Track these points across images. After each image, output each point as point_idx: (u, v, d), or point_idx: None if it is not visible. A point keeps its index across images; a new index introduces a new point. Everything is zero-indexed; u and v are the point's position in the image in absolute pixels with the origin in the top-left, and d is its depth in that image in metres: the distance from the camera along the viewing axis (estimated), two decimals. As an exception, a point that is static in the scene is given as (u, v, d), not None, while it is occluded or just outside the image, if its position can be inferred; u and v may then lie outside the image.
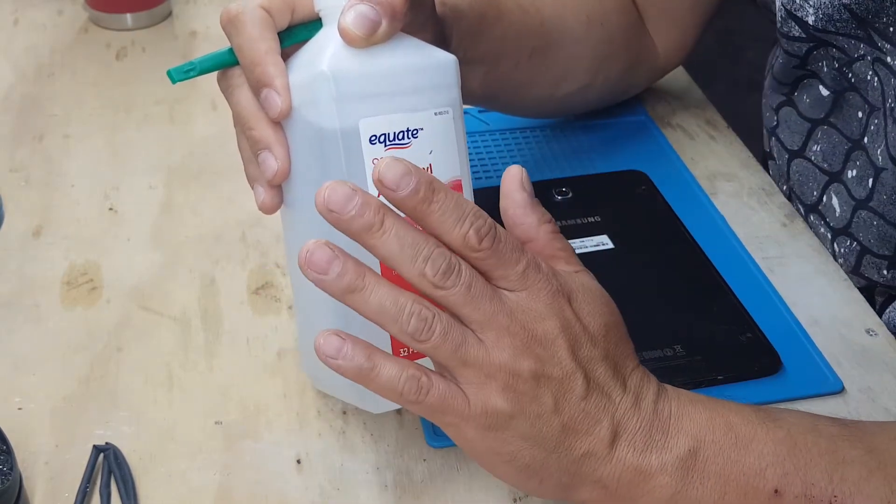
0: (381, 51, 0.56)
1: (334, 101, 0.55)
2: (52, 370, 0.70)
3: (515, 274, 0.52)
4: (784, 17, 0.78)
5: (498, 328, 0.51)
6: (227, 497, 0.62)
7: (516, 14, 0.77)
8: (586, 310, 0.54)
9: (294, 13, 0.59)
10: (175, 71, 0.59)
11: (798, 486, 0.53)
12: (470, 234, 0.51)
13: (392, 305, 0.51)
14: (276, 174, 0.58)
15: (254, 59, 0.57)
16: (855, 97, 0.77)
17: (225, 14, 0.59)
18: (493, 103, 0.84)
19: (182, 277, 0.77)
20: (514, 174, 0.56)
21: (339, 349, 0.51)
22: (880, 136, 0.74)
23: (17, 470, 0.59)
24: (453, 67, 0.58)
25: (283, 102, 0.56)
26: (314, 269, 0.51)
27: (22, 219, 0.83)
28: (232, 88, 0.59)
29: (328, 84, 0.55)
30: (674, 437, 0.53)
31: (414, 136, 0.56)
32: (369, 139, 0.55)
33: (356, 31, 0.55)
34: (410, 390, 0.51)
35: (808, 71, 0.81)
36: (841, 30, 0.74)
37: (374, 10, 0.55)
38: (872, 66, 0.74)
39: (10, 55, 1.06)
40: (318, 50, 0.57)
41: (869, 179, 0.76)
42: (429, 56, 0.58)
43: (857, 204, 0.78)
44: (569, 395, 0.52)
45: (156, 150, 0.92)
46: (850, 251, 0.79)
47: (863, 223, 0.77)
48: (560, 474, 0.53)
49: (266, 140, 0.58)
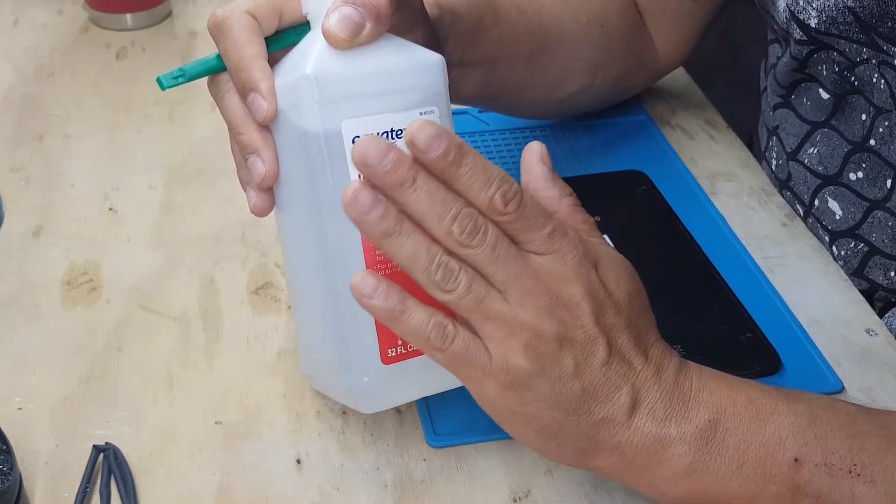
0: (366, 52, 0.56)
1: (316, 103, 0.55)
2: (52, 370, 0.70)
3: (541, 238, 0.53)
4: (787, 19, 0.78)
5: (522, 288, 0.52)
6: (227, 497, 0.62)
7: (514, 17, 0.77)
8: (612, 278, 0.54)
9: (282, 17, 0.59)
10: (164, 77, 0.59)
11: (818, 455, 0.53)
12: (496, 198, 0.52)
13: (424, 254, 0.52)
14: (264, 178, 0.58)
15: (240, 63, 0.57)
16: (858, 100, 0.77)
17: (211, 19, 0.59)
18: (492, 105, 0.84)
19: (182, 277, 0.77)
20: (534, 149, 0.57)
21: (374, 288, 0.52)
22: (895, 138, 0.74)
23: (17, 470, 0.59)
24: (439, 67, 0.58)
25: (268, 106, 0.57)
26: (358, 209, 0.51)
27: (22, 219, 0.83)
28: (221, 94, 0.60)
29: (310, 87, 0.55)
30: (694, 408, 0.54)
31: (398, 137, 0.56)
32: (352, 140, 0.55)
33: (340, 33, 0.55)
34: (437, 337, 0.52)
35: (807, 74, 0.81)
36: (843, 33, 0.74)
37: (358, 12, 0.55)
38: (878, 68, 0.74)
39: (10, 55, 1.06)
40: (304, 53, 0.57)
41: (886, 180, 0.76)
42: (414, 56, 0.58)
43: (872, 205, 0.78)
44: (590, 359, 0.53)
45: (156, 150, 0.92)
46: (854, 253, 0.79)
47: (877, 223, 0.77)
48: (578, 438, 0.54)
49: (254, 144, 0.58)
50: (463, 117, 0.93)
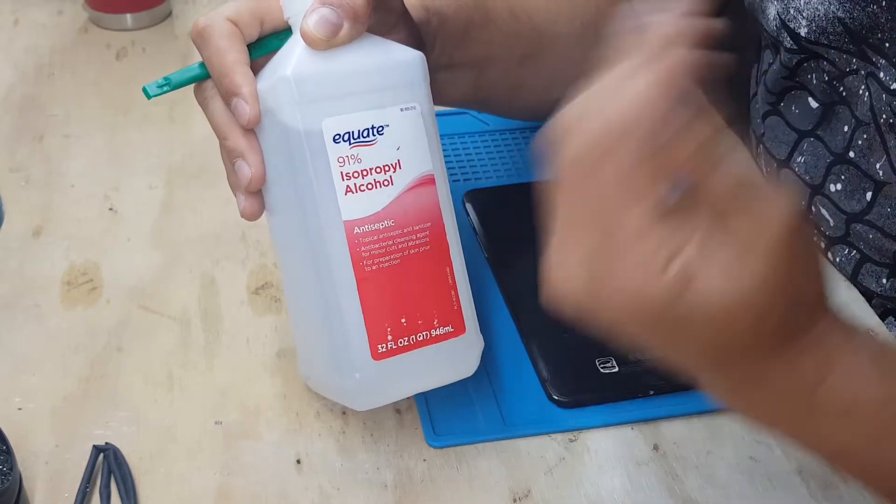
0: (346, 52, 0.57)
1: (296, 103, 0.56)
2: (52, 370, 0.70)
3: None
4: (778, 27, 0.78)
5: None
6: (227, 497, 0.62)
7: (506, 19, 0.77)
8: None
9: (263, 24, 0.60)
10: (150, 87, 0.60)
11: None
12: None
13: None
14: (250, 181, 0.59)
15: (222, 70, 0.58)
16: (844, 111, 0.77)
17: (194, 28, 0.60)
18: (483, 108, 0.84)
19: (182, 277, 0.77)
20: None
21: None
22: (876, 151, 0.74)
23: (17, 470, 0.59)
24: (419, 64, 0.59)
25: (251, 110, 0.57)
26: None
27: (22, 219, 0.83)
28: (206, 101, 0.61)
29: (289, 87, 0.56)
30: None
31: (379, 133, 0.57)
32: (333, 138, 0.56)
33: (317, 33, 0.56)
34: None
35: (797, 83, 0.81)
36: (833, 43, 0.74)
37: (336, 12, 0.56)
38: (865, 80, 0.73)
39: (10, 55, 1.06)
40: (286, 56, 0.58)
41: (866, 193, 0.76)
42: (393, 54, 0.59)
43: (850, 217, 0.77)
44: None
45: (156, 150, 0.92)
46: (849, 259, 0.79)
47: (860, 235, 0.77)
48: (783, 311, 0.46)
49: (239, 148, 0.59)
50: (463, 117, 0.93)
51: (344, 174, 0.57)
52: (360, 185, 0.57)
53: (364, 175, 0.57)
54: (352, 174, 0.57)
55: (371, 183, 0.57)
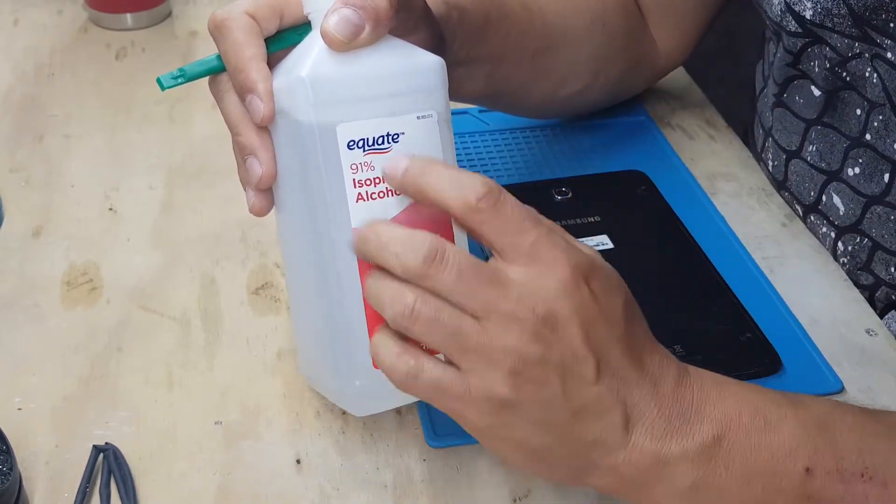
0: (365, 54, 0.56)
1: (311, 105, 0.55)
2: (52, 370, 0.70)
3: (525, 245, 0.50)
4: (783, 11, 0.78)
5: (502, 314, 0.49)
6: (227, 497, 0.62)
7: (520, 13, 0.77)
8: (603, 287, 0.51)
9: (283, 18, 0.59)
10: (164, 78, 0.59)
11: (829, 462, 0.52)
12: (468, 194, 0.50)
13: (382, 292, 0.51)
14: (260, 179, 0.58)
15: (238, 64, 0.57)
16: (852, 95, 0.77)
17: (211, 20, 0.59)
18: (495, 103, 0.84)
19: (182, 277, 0.77)
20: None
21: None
22: (892, 131, 0.74)
23: (17, 470, 0.59)
24: (439, 70, 0.58)
25: (265, 108, 0.56)
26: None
27: (22, 219, 0.83)
28: (221, 94, 0.60)
29: (305, 89, 0.55)
30: (696, 423, 0.52)
31: (394, 141, 0.56)
32: (347, 144, 0.55)
33: (338, 35, 0.55)
34: (400, 371, 0.51)
35: (800, 71, 0.81)
36: (837, 26, 0.74)
37: (358, 14, 0.55)
38: (871, 62, 0.74)
39: (10, 55, 1.06)
40: (303, 54, 0.57)
41: (884, 175, 0.76)
42: (413, 59, 0.57)
43: (870, 200, 0.78)
44: (579, 380, 0.50)
45: (156, 150, 0.92)
46: (861, 248, 0.79)
47: (876, 219, 0.77)
48: (571, 460, 0.52)
49: (252, 145, 0.58)
50: (463, 117, 0.93)
51: (356, 181, 0.55)
52: (371, 192, 0.56)
53: (377, 183, 0.56)
54: (364, 181, 0.56)
55: (383, 191, 0.56)
